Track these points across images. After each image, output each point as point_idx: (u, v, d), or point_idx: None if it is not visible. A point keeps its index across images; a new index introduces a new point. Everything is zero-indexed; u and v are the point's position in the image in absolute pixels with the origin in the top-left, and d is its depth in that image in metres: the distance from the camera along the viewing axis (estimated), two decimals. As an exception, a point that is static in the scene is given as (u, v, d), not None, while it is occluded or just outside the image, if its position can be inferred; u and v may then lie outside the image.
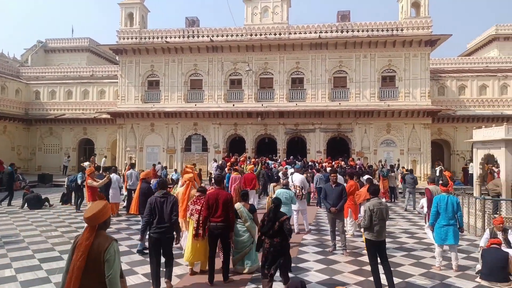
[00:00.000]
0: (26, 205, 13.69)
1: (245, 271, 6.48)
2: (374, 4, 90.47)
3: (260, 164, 16.26)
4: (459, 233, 6.95)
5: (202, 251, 6.39)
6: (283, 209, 7.54)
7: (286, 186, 9.06)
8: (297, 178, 10.53)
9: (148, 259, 6.00)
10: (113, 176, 12.28)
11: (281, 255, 5.25)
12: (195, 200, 6.56)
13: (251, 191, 12.60)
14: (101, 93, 27.84)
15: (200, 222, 6.21)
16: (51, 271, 6.63)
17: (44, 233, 9.66)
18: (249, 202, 12.12)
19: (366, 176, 12.67)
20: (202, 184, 8.59)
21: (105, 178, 10.47)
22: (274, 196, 8.75)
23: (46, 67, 32.36)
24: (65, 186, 15.24)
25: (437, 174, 19.01)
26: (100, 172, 12.50)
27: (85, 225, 3.24)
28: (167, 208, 5.64)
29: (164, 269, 5.80)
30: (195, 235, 6.29)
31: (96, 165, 19.87)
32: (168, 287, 5.76)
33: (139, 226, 7.76)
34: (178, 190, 7.79)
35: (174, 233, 5.83)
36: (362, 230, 6.16)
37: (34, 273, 6.57)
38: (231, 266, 6.42)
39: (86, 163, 18.83)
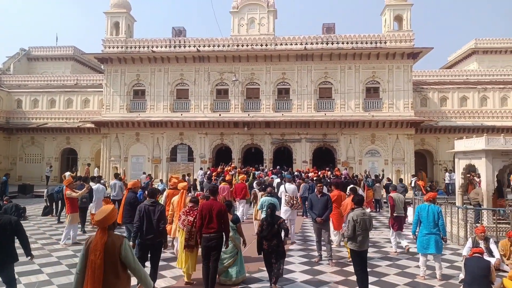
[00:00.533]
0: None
1: (230, 282, 6.42)
2: (358, 17, 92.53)
3: (251, 174, 16.31)
4: (443, 242, 7.03)
5: (190, 262, 6.37)
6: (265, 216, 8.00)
7: (270, 194, 9.13)
8: (290, 189, 10.61)
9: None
10: (98, 186, 11.99)
11: (279, 255, 6.05)
12: (187, 210, 6.52)
13: (241, 200, 12.57)
14: (85, 102, 27.42)
15: (193, 233, 6.21)
16: (29, 286, 6.43)
17: (24, 246, 9.35)
18: (239, 211, 12.17)
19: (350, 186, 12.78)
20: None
21: (85, 189, 10.24)
22: (259, 204, 8.94)
23: (29, 75, 31.81)
24: (45, 198, 14.75)
25: (412, 184, 19.28)
26: (81, 182, 12.15)
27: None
28: (155, 217, 5.86)
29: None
30: (186, 247, 6.25)
31: (87, 175, 19.53)
32: None
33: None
34: (174, 198, 7.84)
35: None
36: (345, 240, 6.19)
37: (12, 287, 6.34)
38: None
39: (67, 173, 18.45)
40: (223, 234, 6.01)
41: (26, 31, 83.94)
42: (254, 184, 11.41)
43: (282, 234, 6.26)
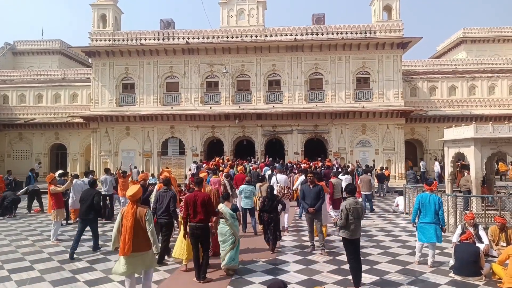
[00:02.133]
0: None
1: (223, 263, 6.58)
2: (347, 7, 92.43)
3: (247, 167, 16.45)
4: (441, 232, 7.08)
5: (190, 248, 6.63)
6: (245, 202, 9.78)
7: (248, 182, 10.12)
8: (281, 179, 10.99)
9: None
10: (76, 181, 11.91)
11: (275, 223, 8.00)
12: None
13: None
14: (74, 97, 27.02)
15: None
16: (21, 282, 6.36)
17: (14, 243, 9.26)
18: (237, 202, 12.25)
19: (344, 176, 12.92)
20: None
21: (69, 182, 10.20)
22: (238, 191, 10.21)
23: (15, 70, 31.20)
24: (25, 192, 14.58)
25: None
26: (62, 178, 12.14)
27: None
28: (166, 200, 7.17)
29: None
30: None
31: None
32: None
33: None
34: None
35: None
36: (337, 228, 6.26)
37: (3, 284, 6.29)
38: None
39: (58, 172, 18.29)
40: (209, 224, 6.37)
41: (10, 25, 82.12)
42: (223, 176, 11.52)
43: (279, 207, 8.34)
